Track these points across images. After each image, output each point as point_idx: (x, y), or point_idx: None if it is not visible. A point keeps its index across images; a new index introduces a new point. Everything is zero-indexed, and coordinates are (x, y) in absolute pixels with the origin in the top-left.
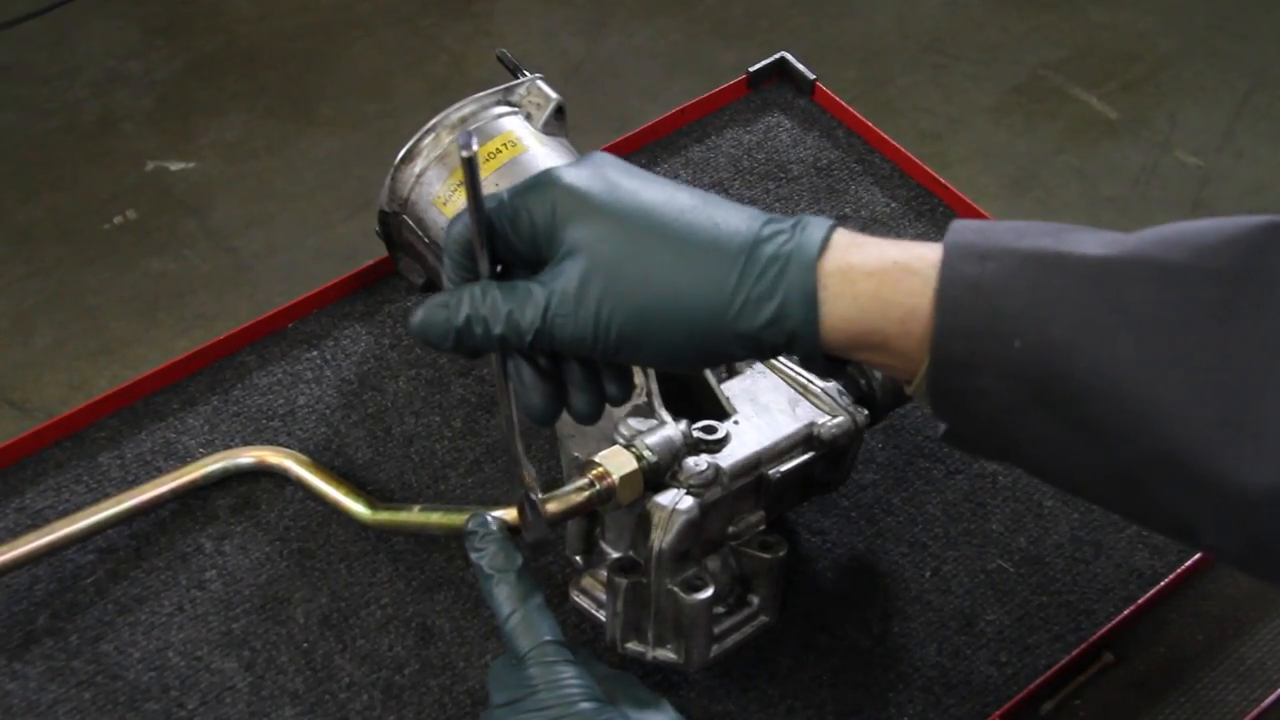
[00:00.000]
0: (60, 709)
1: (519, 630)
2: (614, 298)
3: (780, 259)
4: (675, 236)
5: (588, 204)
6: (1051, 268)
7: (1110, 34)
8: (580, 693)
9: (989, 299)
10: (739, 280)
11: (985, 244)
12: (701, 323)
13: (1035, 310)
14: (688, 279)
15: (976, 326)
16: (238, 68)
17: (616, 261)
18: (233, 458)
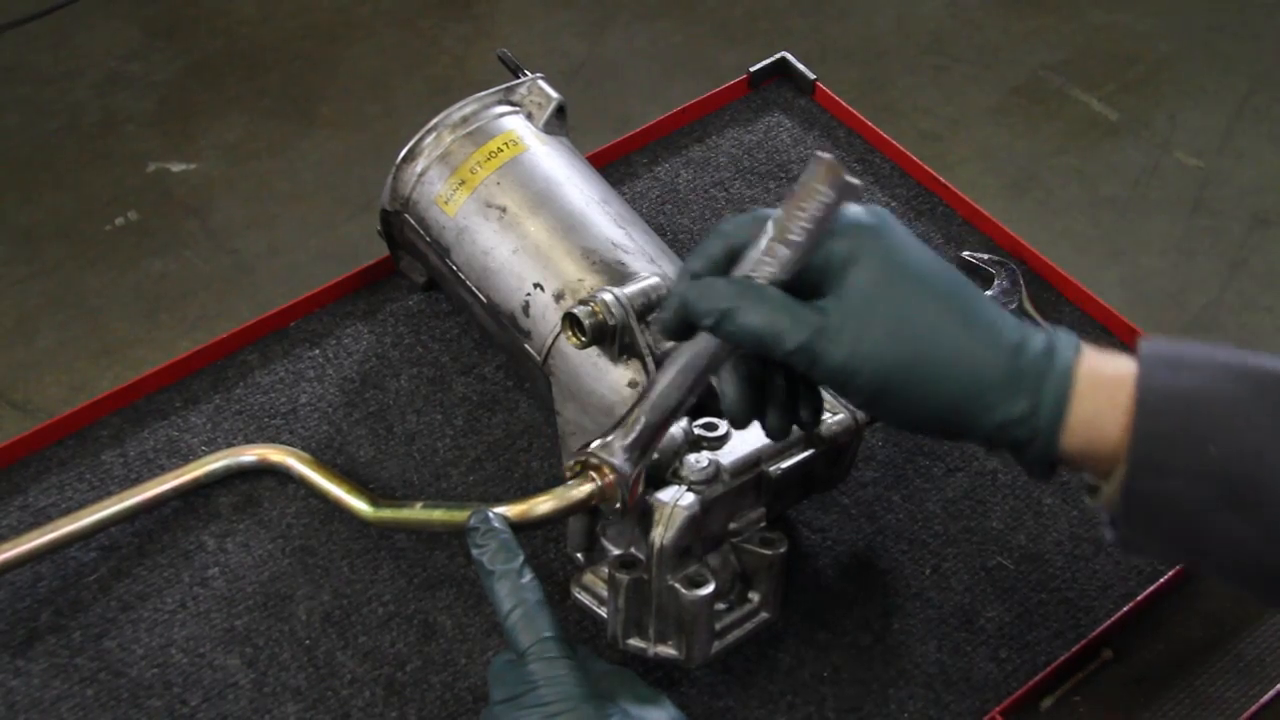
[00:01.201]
0: (63, 705)
1: (519, 626)
2: (886, 343)
3: (1043, 363)
4: (960, 308)
5: (878, 250)
6: (1244, 379)
7: (1110, 35)
8: (580, 689)
9: (1185, 405)
10: (1008, 367)
11: (1180, 354)
12: (956, 395)
13: (1229, 418)
14: (964, 350)
15: (1173, 431)
16: (239, 69)
17: (899, 311)
18: (235, 455)
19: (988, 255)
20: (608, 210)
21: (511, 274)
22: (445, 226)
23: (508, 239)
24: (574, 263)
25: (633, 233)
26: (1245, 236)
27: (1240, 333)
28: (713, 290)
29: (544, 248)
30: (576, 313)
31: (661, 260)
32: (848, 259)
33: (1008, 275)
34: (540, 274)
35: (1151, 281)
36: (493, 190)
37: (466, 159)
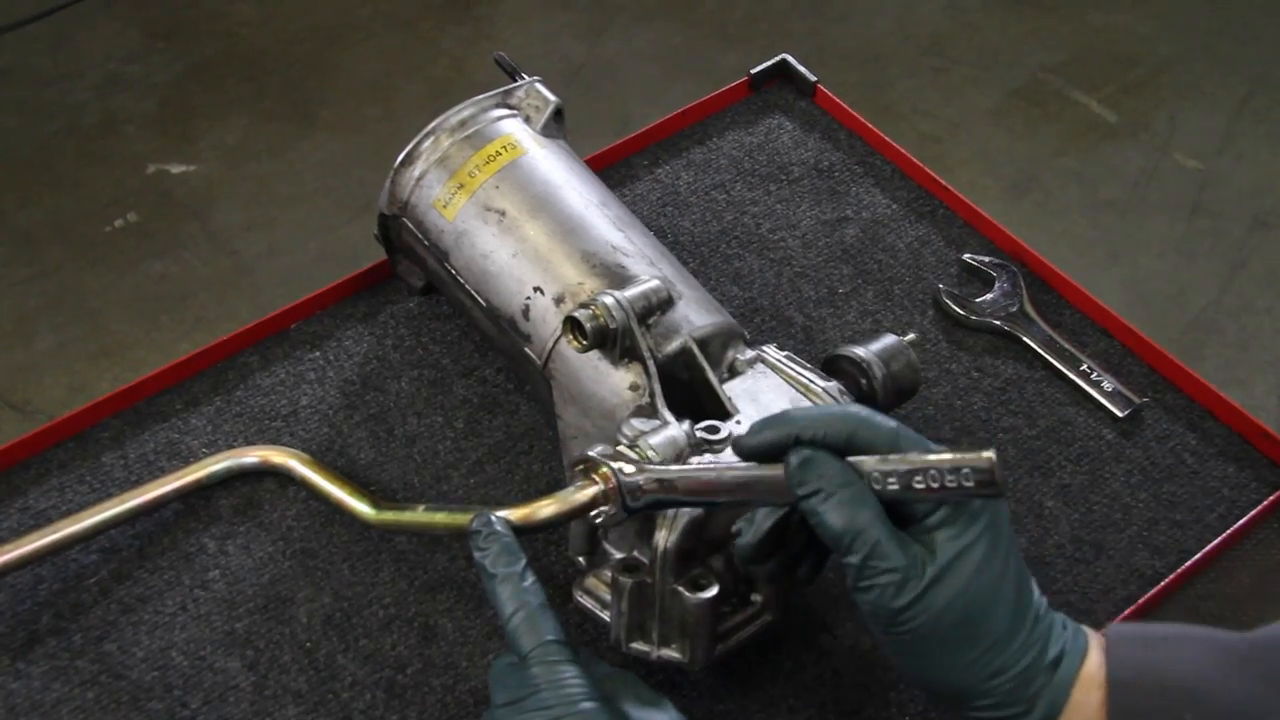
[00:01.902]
0: (64, 708)
1: (521, 629)
2: (943, 622)
3: (1047, 674)
4: (1016, 604)
5: (983, 532)
6: (1211, 648)
7: (1110, 37)
8: (582, 692)
9: (1158, 681)
10: (1016, 683)
11: (1147, 632)
12: (975, 677)
13: (1202, 687)
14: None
15: (1148, 705)
16: (239, 71)
17: (971, 605)
18: (237, 457)
19: (989, 258)
20: (607, 213)
21: (511, 277)
22: (444, 230)
23: (507, 242)
24: (574, 266)
25: (632, 236)
26: (1245, 238)
27: (1240, 334)
28: (823, 468)
29: (544, 251)
30: (578, 316)
31: (661, 263)
32: (955, 525)
33: (1008, 277)
34: (540, 277)
35: (1151, 283)
36: (491, 194)
37: (465, 163)
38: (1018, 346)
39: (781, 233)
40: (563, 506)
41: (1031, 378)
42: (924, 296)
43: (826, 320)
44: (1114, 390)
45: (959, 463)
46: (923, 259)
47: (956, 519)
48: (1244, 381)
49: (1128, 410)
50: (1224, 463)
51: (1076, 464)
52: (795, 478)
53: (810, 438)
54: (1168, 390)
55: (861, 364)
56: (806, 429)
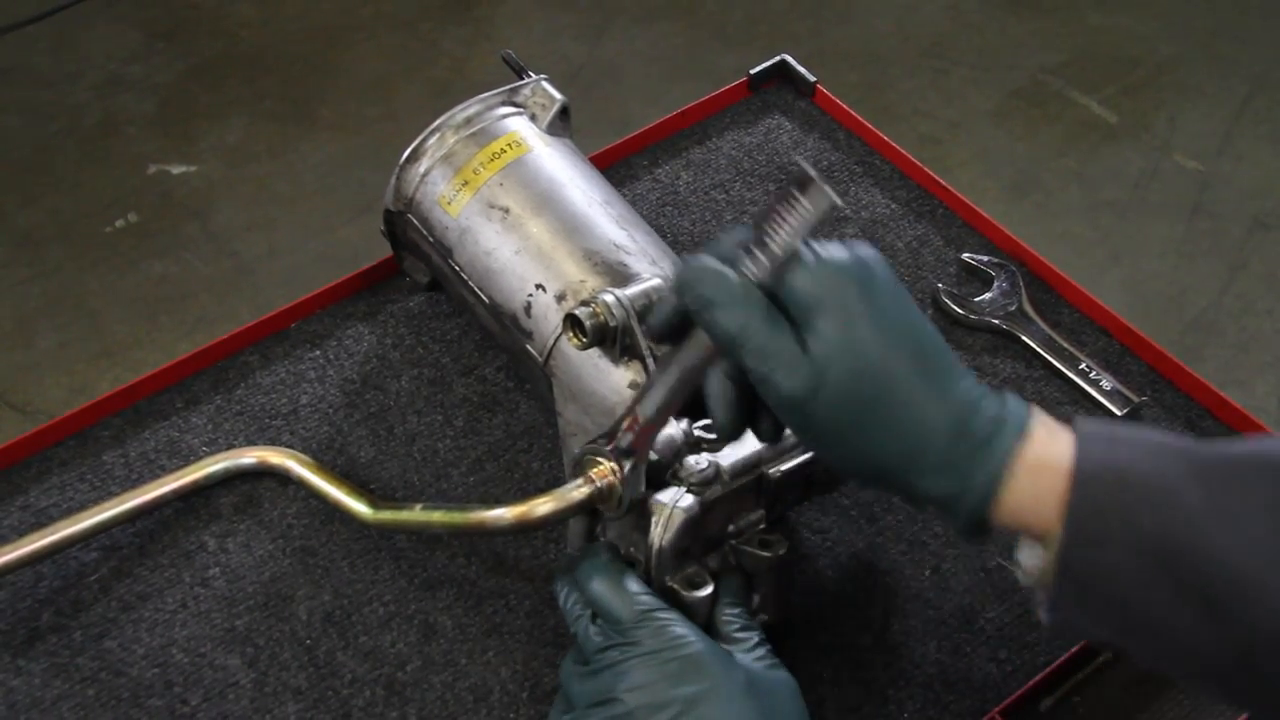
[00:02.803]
0: (64, 705)
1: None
2: (839, 392)
3: (984, 436)
4: (920, 371)
5: (852, 297)
6: (1176, 457)
7: (1110, 38)
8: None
9: (1118, 478)
10: (949, 443)
11: (1114, 433)
12: (894, 458)
13: (1162, 491)
14: (912, 416)
15: (1107, 503)
16: (239, 72)
17: (859, 364)
18: (235, 458)
19: (988, 257)
20: (610, 212)
21: (513, 275)
22: (448, 227)
23: (510, 240)
24: (576, 264)
25: (635, 234)
26: (1245, 239)
27: (1240, 335)
28: (703, 275)
29: (546, 249)
30: (578, 314)
31: (663, 262)
32: (820, 300)
33: (1007, 277)
34: (542, 275)
35: (1151, 284)
36: (495, 191)
37: (470, 160)
38: (1017, 346)
39: None
40: (560, 505)
41: (1030, 376)
42: (923, 296)
43: None
44: (1113, 389)
45: (786, 192)
46: (922, 258)
47: (827, 305)
48: (1244, 383)
49: (1126, 409)
50: None
51: None
52: (684, 293)
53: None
54: (1166, 389)
55: None
56: (685, 268)
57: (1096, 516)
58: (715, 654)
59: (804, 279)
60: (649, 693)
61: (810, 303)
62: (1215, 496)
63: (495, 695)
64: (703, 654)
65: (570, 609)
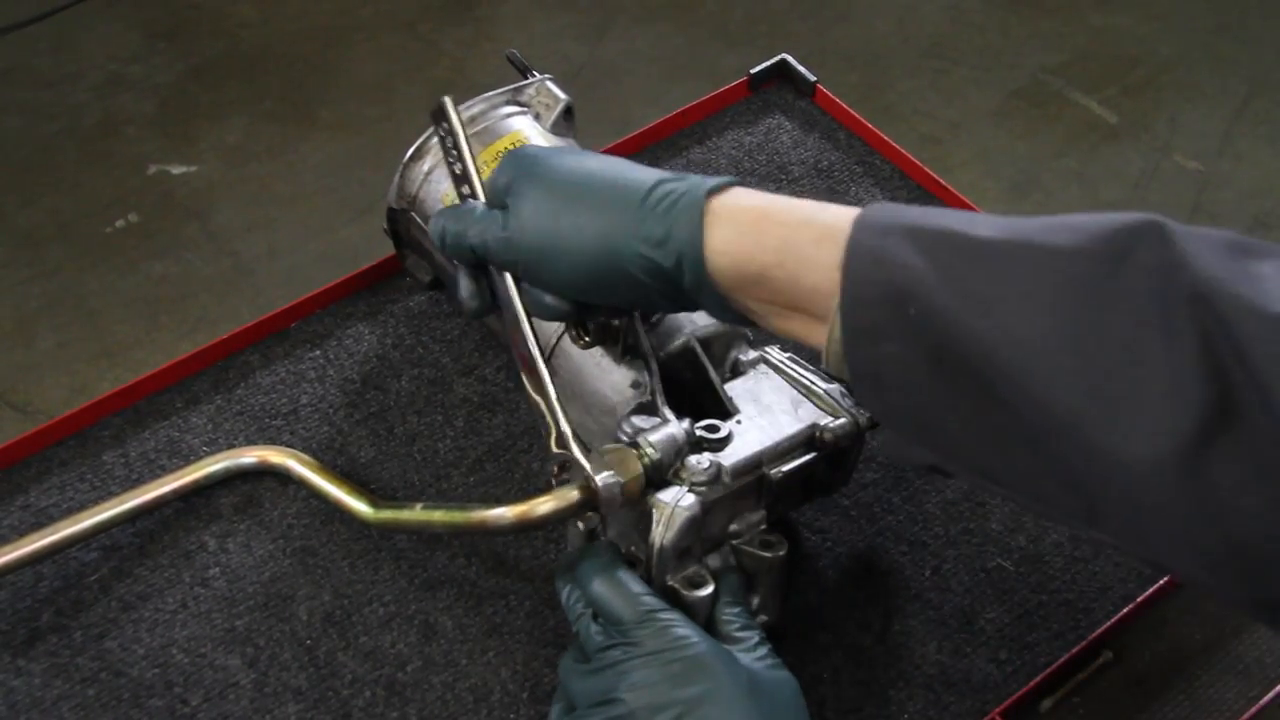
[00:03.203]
0: (64, 705)
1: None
2: (534, 221)
3: (675, 194)
4: (599, 177)
5: (529, 168)
6: (942, 244)
7: (1110, 38)
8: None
9: (887, 270)
10: (638, 209)
11: (889, 220)
12: (601, 247)
13: (925, 280)
14: (593, 213)
15: (877, 295)
16: (240, 72)
17: (546, 200)
18: (235, 458)
19: None
20: None
21: None
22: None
23: None
24: None
25: None
26: None
27: None
28: (440, 222)
29: None
30: None
31: None
32: (510, 183)
33: None
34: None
35: None
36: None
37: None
38: None
39: None
40: (560, 504)
41: None
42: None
43: None
44: None
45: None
46: None
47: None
48: None
49: None
50: None
51: None
52: (443, 244)
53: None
54: None
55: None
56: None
57: (868, 309)
58: (718, 655)
59: (500, 176)
60: (651, 693)
61: (506, 185)
62: (974, 285)
63: (496, 695)
64: (705, 655)
65: (572, 607)
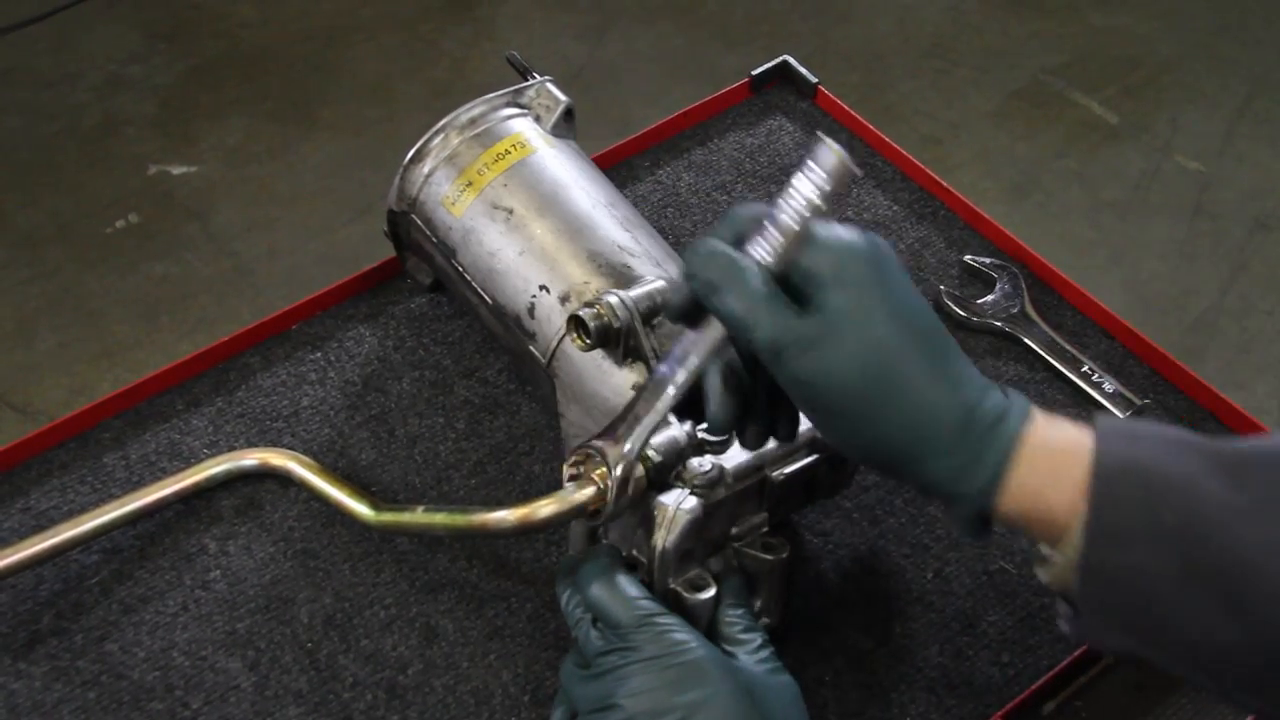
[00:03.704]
0: (65, 708)
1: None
2: (850, 368)
3: (994, 421)
4: (929, 354)
5: (864, 276)
6: (1196, 452)
7: (1111, 39)
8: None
9: (1142, 474)
10: (958, 423)
11: (1134, 429)
12: (904, 438)
13: (1184, 486)
14: (922, 397)
15: (1130, 498)
16: (240, 72)
17: (870, 341)
18: (237, 460)
19: (990, 260)
20: (614, 213)
21: (517, 275)
22: (452, 227)
23: (514, 241)
24: (580, 265)
25: (639, 236)
26: (1246, 240)
27: (1241, 336)
28: (710, 260)
29: (550, 250)
30: (582, 315)
31: (667, 264)
32: (834, 276)
33: (1009, 280)
34: (546, 276)
35: (1152, 285)
36: (500, 192)
37: (474, 160)
38: (1019, 348)
39: None
40: (562, 507)
41: (1033, 379)
42: (925, 298)
43: None
44: (1115, 392)
45: (808, 168)
46: (924, 260)
47: (841, 281)
48: (1245, 384)
49: (1129, 412)
50: None
51: None
52: (691, 275)
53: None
54: (1169, 392)
55: None
56: (693, 253)
57: (1121, 511)
58: (715, 660)
59: (814, 256)
60: (649, 699)
61: (822, 280)
62: (1239, 491)
63: (497, 698)
64: (703, 660)
65: (572, 611)
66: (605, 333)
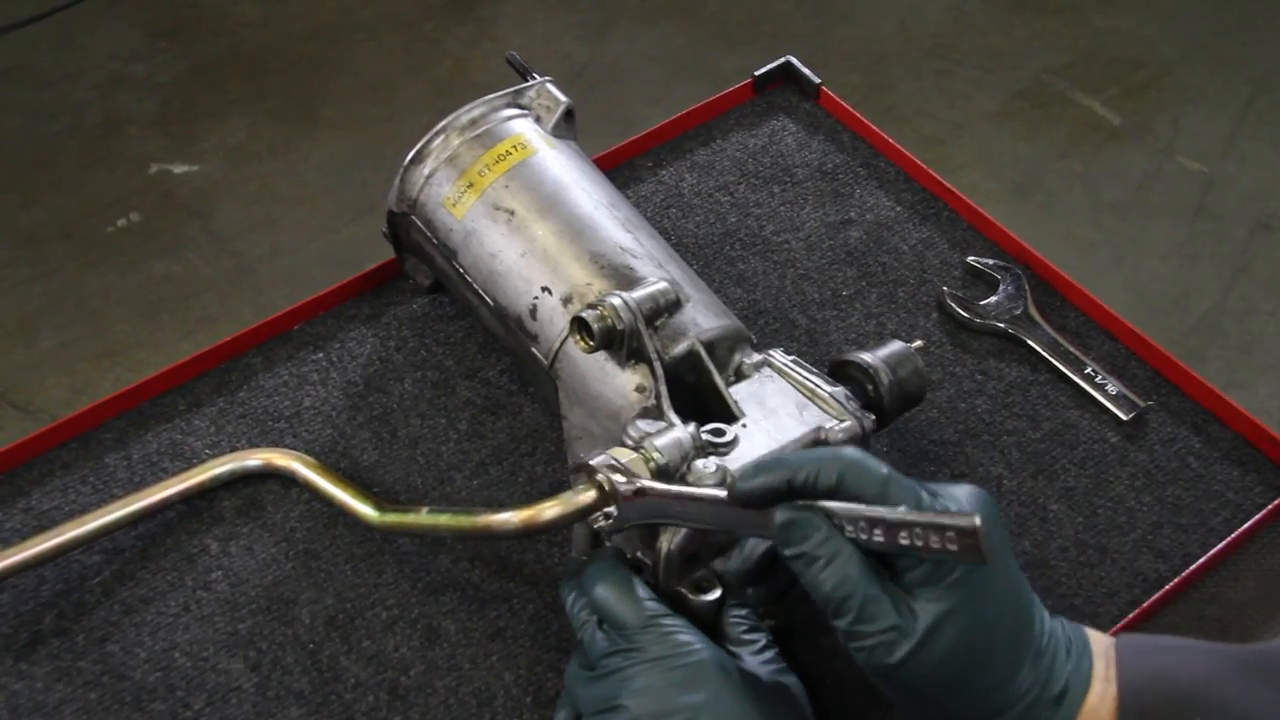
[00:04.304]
0: (66, 709)
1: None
2: (938, 673)
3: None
4: (1016, 638)
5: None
6: (1218, 656)
7: (1113, 39)
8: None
9: (1168, 683)
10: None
11: (1158, 642)
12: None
13: (1209, 691)
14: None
15: (1160, 708)
16: (241, 71)
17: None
18: (240, 460)
19: (993, 261)
20: (616, 214)
21: (519, 277)
22: (453, 229)
23: (516, 242)
24: (582, 267)
25: (641, 237)
26: (1248, 241)
27: (1242, 337)
28: (818, 533)
29: (552, 251)
30: (585, 317)
31: (669, 265)
32: (939, 586)
33: (1013, 281)
34: (548, 277)
35: (1154, 286)
36: (501, 193)
37: (475, 161)
38: (1022, 349)
39: (785, 235)
40: (566, 508)
41: (1035, 380)
42: (928, 299)
43: (830, 323)
44: (1118, 393)
45: (943, 523)
46: (927, 261)
47: (940, 579)
48: (1247, 385)
49: (1132, 413)
50: (1228, 466)
51: (1080, 467)
52: (782, 539)
53: (802, 481)
54: (1172, 394)
55: (868, 370)
56: (799, 472)
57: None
58: (720, 662)
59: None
60: (654, 700)
61: (939, 590)
62: (1262, 694)
63: (499, 700)
64: (708, 662)
65: (577, 613)
66: (609, 334)
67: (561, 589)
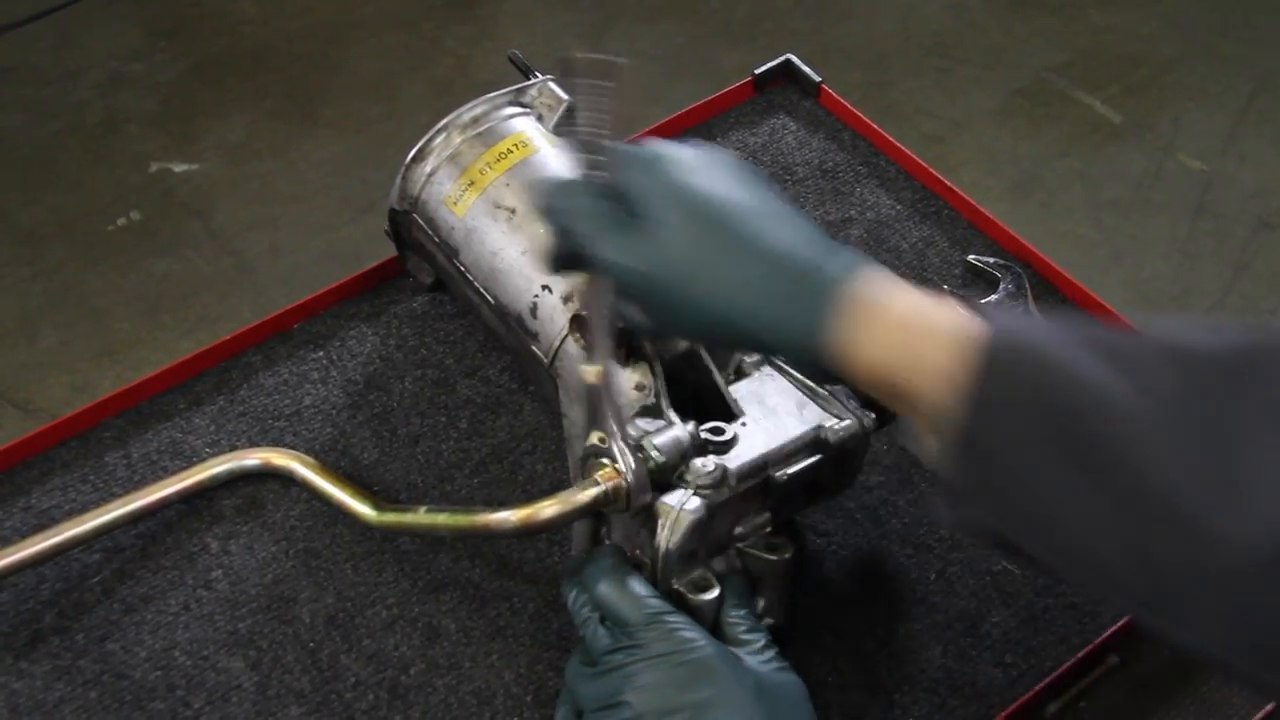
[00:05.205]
0: (66, 708)
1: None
2: (677, 257)
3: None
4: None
5: (661, 184)
6: (1073, 331)
7: (1114, 37)
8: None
9: (1031, 348)
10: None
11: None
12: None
13: (1069, 363)
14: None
15: (1012, 373)
16: (241, 70)
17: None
18: (239, 459)
19: (993, 259)
20: None
21: (520, 275)
22: (454, 227)
23: (517, 240)
24: None
25: None
26: (1248, 239)
27: None
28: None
29: None
30: (585, 315)
31: None
32: (642, 194)
33: (1013, 279)
34: (548, 276)
35: (1154, 284)
36: (502, 191)
37: (476, 160)
38: None
39: None
40: (565, 507)
41: None
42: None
43: None
44: None
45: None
46: (928, 260)
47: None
48: None
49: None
50: None
51: None
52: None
53: None
54: None
55: None
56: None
57: (1000, 385)
58: (724, 658)
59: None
60: (657, 696)
61: (637, 195)
62: (1117, 374)
63: (499, 699)
64: (712, 658)
65: (579, 610)
66: None
67: (562, 586)
